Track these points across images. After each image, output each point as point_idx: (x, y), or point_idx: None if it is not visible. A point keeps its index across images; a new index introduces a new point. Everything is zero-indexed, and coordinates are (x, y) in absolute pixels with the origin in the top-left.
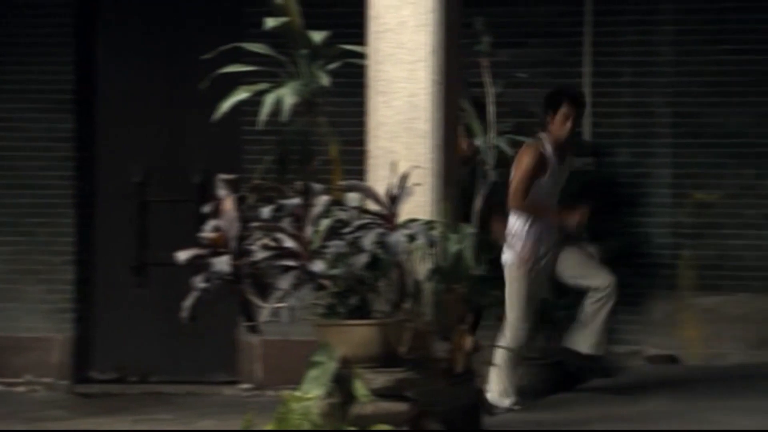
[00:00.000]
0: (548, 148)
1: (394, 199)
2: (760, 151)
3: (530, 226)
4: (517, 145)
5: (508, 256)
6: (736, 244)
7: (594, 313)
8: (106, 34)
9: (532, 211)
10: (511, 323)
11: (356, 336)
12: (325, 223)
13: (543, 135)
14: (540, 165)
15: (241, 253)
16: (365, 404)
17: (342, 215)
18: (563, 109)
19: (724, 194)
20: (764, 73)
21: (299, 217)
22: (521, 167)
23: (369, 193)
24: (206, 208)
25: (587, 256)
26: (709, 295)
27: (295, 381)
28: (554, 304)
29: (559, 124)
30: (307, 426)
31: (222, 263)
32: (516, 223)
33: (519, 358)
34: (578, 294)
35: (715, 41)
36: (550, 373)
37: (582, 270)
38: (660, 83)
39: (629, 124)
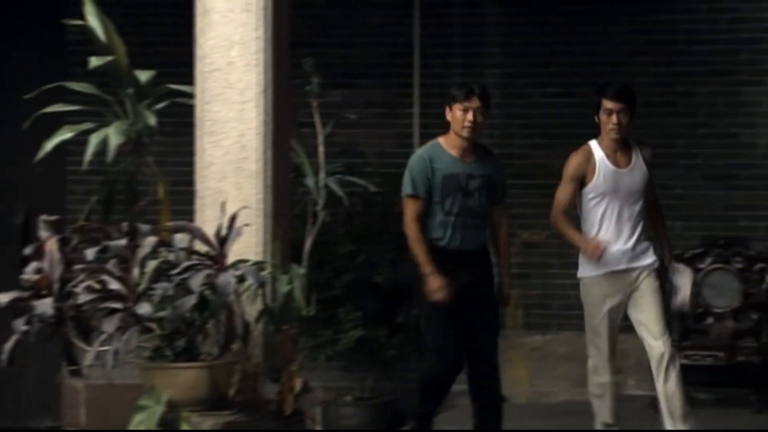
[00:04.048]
0: (598, 153)
1: (223, 240)
2: None
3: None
4: (346, 185)
5: (580, 271)
6: (562, 283)
7: (668, 395)
8: None
9: (559, 226)
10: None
11: (183, 379)
12: (152, 264)
13: (592, 143)
14: (584, 170)
15: (64, 296)
16: None
17: (170, 256)
18: (603, 107)
19: (549, 234)
20: (589, 116)
21: (125, 259)
22: (562, 176)
23: (197, 234)
24: (28, 250)
25: (660, 297)
26: (536, 333)
27: (121, 426)
28: (385, 343)
29: (605, 124)
30: None
31: (44, 306)
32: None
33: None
34: (409, 332)
35: (541, 84)
36: (379, 413)
37: (645, 316)
38: (487, 125)
39: None
